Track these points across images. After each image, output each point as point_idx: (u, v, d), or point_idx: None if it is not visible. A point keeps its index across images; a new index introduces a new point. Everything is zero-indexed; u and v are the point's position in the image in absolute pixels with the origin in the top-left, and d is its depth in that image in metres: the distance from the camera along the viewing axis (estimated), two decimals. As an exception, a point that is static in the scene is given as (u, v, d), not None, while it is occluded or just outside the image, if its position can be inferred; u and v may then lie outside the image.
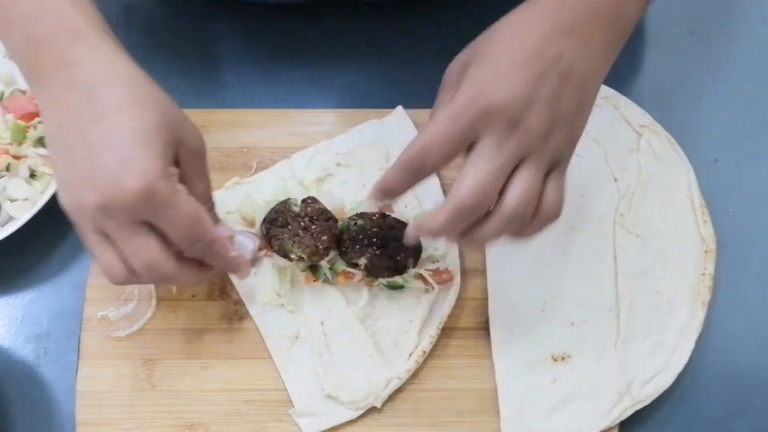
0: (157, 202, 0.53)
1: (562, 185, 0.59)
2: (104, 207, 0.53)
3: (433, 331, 0.69)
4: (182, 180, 0.58)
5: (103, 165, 0.53)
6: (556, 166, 0.57)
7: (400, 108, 0.79)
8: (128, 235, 0.55)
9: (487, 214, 0.56)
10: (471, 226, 0.57)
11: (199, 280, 0.61)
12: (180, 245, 0.57)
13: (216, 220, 0.63)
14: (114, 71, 0.56)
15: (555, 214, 0.58)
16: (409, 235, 0.59)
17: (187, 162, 0.58)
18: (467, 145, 0.55)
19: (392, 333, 0.69)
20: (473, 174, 0.54)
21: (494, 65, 0.56)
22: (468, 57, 0.58)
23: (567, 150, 0.58)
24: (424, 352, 0.68)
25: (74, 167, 0.54)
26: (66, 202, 0.56)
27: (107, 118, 0.54)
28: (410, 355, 0.68)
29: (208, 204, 0.61)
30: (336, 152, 0.76)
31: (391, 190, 0.58)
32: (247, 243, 0.70)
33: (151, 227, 0.55)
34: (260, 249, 0.71)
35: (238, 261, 0.63)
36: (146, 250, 0.56)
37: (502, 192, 0.56)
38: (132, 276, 0.57)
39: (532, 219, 0.57)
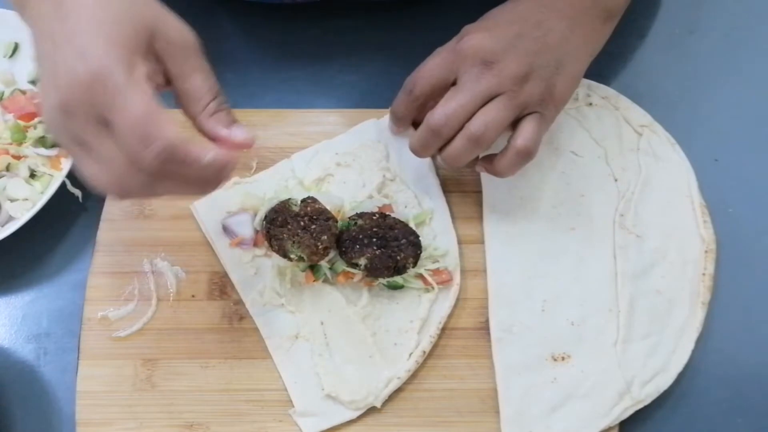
0: (106, 92, 0.50)
1: (536, 128, 0.65)
2: (64, 105, 0.51)
3: (433, 331, 0.69)
4: (172, 78, 0.55)
5: (62, 60, 0.51)
6: (529, 111, 0.65)
7: None
8: (92, 135, 0.51)
9: None
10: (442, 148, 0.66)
11: (186, 191, 0.55)
12: (132, 154, 0.50)
13: (227, 120, 0.57)
14: None
15: (525, 149, 0.65)
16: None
17: (173, 57, 0.55)
18: (450, 78, 0.65)
19: (392, 333, 0.69)
20: (447, 99, 0.64)
21: (483, 22, 0.67)
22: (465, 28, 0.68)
23: (542, 101, 0.65)
24: (424, 352, 0.68)
25: (44, 73, 0.53)
26: (45, 117, 0.53)
27: (71, 14, 0.52)
28: (410, 355, 0.68)
29: (213, 102, 0.56)
30: (336, 152, 0.76)
31: (395, 112, 0.71)
32: (245, 223, 0.71)
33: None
34: (255, 243, 0.71)
35: (219, 162, 0.53)
36: (109, 154, 0.51)
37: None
38: (117, 182, 0.53)
39: (504, 151, 0.66)
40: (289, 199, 0.70)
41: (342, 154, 0.76)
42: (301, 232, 0.67)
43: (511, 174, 0.67)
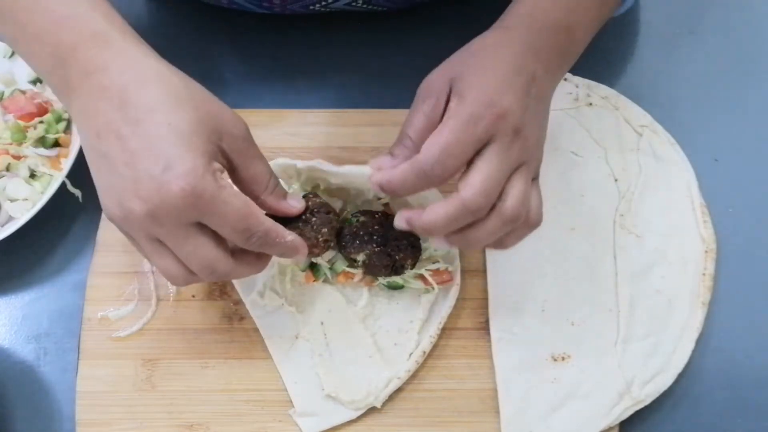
0: (204, 202, 0.52)
1: (540, 193, 0.62)
2: (152, 214, 0.52)
3: (433, 331, 0.69)
4: (235, 168, 0.57)
5: (144, 170, 0.51)
6: (537, 175, 0.61)
7: None
8: (180, 238, 0.54)
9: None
10: (465, 226, 0.58)
11: (259, 269, 0.60)
12: (234, 241, 0.56)
13: (283, 194, 0.61)
14: (143, 71, 0.54)
15: (538, 220, 0.61)
16: (397, 224, 0.60)
17: (234, 149, 0.56)
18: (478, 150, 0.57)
19: (392, 333, 0.69)
20: (483, 175, 0.56)
21: (493, 74, 0.58)
22: (453, 70, 0.60)
23: (539, 163, 0.62)
24: (424, 352, 0.68)
25: (116, 176, 0.53)
26: (112, 214, 0.54)
27: (142, 120, 0.52)
28: (410, 355, 0.68)
29: (272, 181, 0.59)
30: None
31: (398, 190, 0.59)
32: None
33: (203, 227, 0.54)
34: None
35: (296, 245, 0.60)
36: (200, 251, 0.54)
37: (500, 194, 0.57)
38: (192, 277, 0.56)
39: (517, 229, 0.60)
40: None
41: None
42: (302, 225, 0.67)
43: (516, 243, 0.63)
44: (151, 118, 0.52)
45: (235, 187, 0.55)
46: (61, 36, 0.55)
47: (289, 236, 0.59)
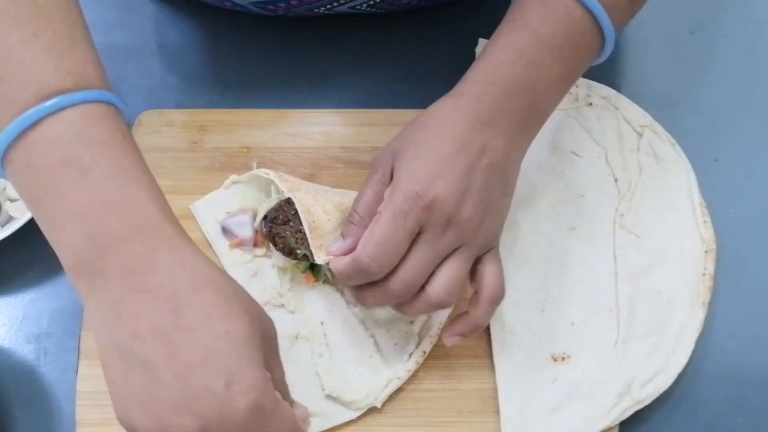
0: (265, 418, 0.48)
1: (499, 262, 0.63)
2: (206, 430, 0.47)
3: (433, 331, 0.69)
4: None
5: (201, 383, 0.46)
6: (488, 250, 0.62)
7: None
8: None
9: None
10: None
11: None
12: None
13: (291, 402, 0.58)
14: (197, 275, 0.50)
15: (500, 291, 0.62)
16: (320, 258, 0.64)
17: (265, 351, 0.52)
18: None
19: (392, 333, 0.69)
20: (407, 265, 0.58)
21: (426, 159, 0.59)
22: (396, 148, 0.61)
23: (497, 233, 0.63)
24: (425, 352, 0.68)
25: (158, 387, 0.47)
26: (145, 427, 0.48)
27: (198, 328, 0.47)
28: (410, 355, 0.68)
29: (285, 390, 0.56)
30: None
31: (351, 282, 0.61)
32: (244, 223, 0.71)
33: None
34: (255, 244, 0.71)
35: None
36: None
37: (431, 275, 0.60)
38: None
39: (476, 299, 0.62)
40: (290, 197, 0.70)
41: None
42: (283, 226, 0.67)
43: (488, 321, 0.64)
44: (207, 326, 0.48)
45: (286, 401, 0.52)
46: (108, 222, 0.49)
47: None
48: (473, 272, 0.63)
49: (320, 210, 0.67)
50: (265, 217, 0.70)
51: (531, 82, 0.62)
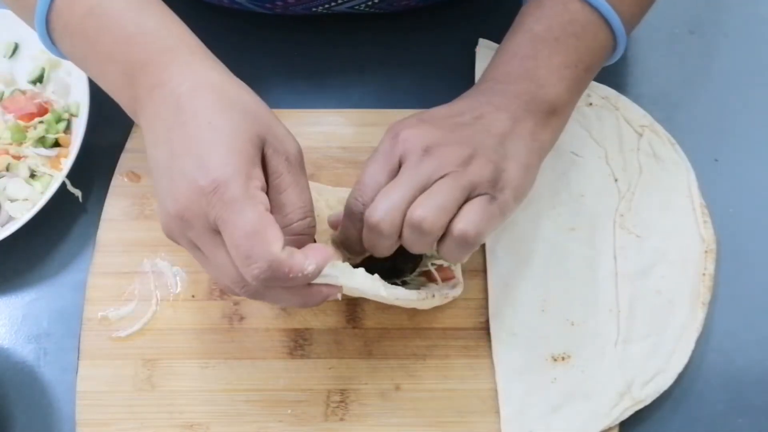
0: (222, 203, 0.49)
1: (482, 211, 0.57)
2: (181, 215, 0.51)
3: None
4: (269, 187, 0.53)
5: (179, 169, 0.51)
6: (478, 192, 0.58)
7: None
8: (209, 245, 0.52)
9: None
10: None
11: (304, 300, 0.55)
12: (236, 263, 0.50)
13: (311, 241, 0.56)
14: (202, 81, 0.54)
15: (463, 234, 0.57)
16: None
17: (280, 169, 0.54)
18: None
19: (392, 333, 0.69)
20: (384, 192, 0.57)
21: (417, 117, 0.61)
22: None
23: (493, 183, 0.58)
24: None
25: (160, 181, 0.53)
26: (161, 223, 0.54)
27: (187, 123, 0.52)
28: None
29: (299, 224, 0.54)
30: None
31: (350, 247, 0.61)
32: None
33: None
34: None
35: (321, 291, 0.54)
36: (225, 262, 0.51)
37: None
38: (243, 289, 0.53)
39: (445, 237, 0.58)
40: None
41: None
42: None
43: (457, 261, 0.62)
44: (196, 119, 0.52)
45: (263, 203, 0.51)
46: (131, 54, 0.56)
47: (311, 266, 0.51)
48: None
49: (324, 205, 0.67)
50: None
51: (528, 71, 0.63)
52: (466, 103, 0.63)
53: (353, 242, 0.60)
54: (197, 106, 0.52)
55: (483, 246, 0.73)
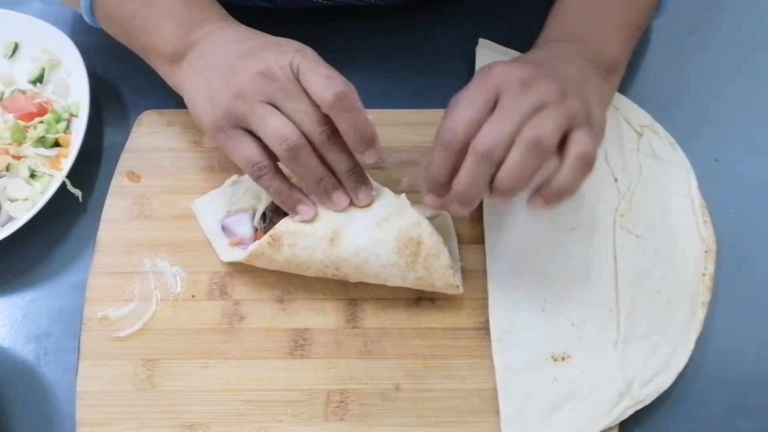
0: (304, 55, 0.63)
1: (590, 136, 0.61)
2: (266, 71, 0.62)
3: None
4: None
5: (259, 54, 0.63)
6: (576, 126, 0.61)
7: None
8: (295, 93, 0.62)
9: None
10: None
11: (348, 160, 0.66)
12: (321, 85, 0.61)
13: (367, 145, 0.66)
14: (231, 34, 0.70)
15: (585, 155, 0.60)
16: (428, 201, 0.66)
17: (301, 62, 0.64)
18: (489, 114, 0.61)
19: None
20: (492, 122, 0.60)
21: (507, 62, 0.65)
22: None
23: (587, 117, 0.62)
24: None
25: (224, 70, 0.65)
26: (218, 104, 0.64)
27: (253, 37, 0.69)
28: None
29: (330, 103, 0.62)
30: None
31: (437, 178, 0.63)
32: (244, 222, 0.71)
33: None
34: (256, 238, 0.71)
35: (367, 126, 0.64)
36: (308, 110, 0.62)
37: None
38: (301, 140, 0.63)
39: (562, 165, 0.61)
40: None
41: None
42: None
43: (573, 191, 0.62)
44: (259, 36, 0.69)
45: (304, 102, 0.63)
46: (191, 12, 0.70)
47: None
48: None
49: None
50: (263, 216, 0.70)
51: (587, 32, 0.70)
52: (537, 55, 0.68)
53: (442, 178, 0.63)
54: (228, 47, 0.67)
55: (483, 246, 0.73)
